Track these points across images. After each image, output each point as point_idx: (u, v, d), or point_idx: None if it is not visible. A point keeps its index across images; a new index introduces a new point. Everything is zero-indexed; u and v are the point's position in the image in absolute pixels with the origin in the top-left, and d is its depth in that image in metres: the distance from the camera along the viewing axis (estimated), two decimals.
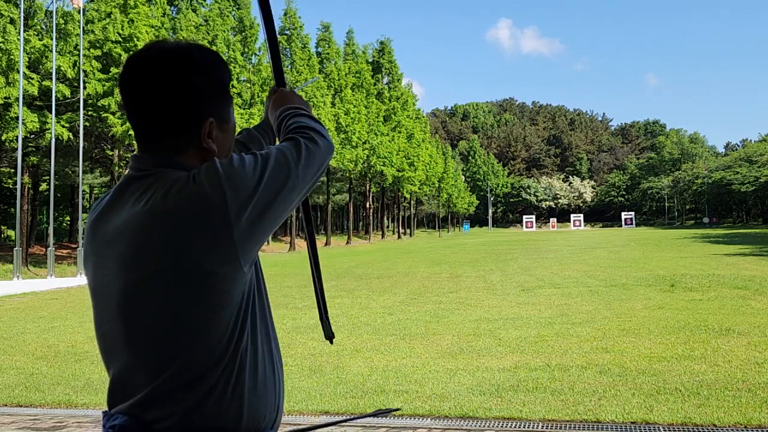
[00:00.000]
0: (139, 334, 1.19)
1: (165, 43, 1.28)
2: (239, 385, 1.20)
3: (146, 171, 1.25)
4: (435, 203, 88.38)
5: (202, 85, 1.26)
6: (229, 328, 1.18)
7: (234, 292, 1.18)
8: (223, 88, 1.31)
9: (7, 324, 10.39)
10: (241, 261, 1.17)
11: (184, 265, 1.15)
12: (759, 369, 5.69)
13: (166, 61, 1.24)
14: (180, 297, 1.16)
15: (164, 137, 1.26)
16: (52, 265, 20.76)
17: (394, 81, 62.86)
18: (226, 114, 1.33)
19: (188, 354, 1.17)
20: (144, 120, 1.26)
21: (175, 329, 1.17)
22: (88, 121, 24.83)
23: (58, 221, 46.36)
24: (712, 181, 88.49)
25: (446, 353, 6.86)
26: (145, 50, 1.27)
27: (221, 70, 1.31)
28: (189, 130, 1.26)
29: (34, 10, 23.20)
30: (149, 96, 1.24)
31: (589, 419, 4.47)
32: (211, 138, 1.28)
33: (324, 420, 4.73)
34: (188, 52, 1.27)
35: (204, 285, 1.15)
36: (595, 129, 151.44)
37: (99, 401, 5.40)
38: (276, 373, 1.29)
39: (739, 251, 23.83)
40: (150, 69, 1.24)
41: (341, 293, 13.48)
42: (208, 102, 1.27)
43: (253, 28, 36.13)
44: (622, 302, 10.46)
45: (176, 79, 1.24)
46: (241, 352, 1.20)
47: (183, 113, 1.25)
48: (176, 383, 1.17)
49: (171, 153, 1.26)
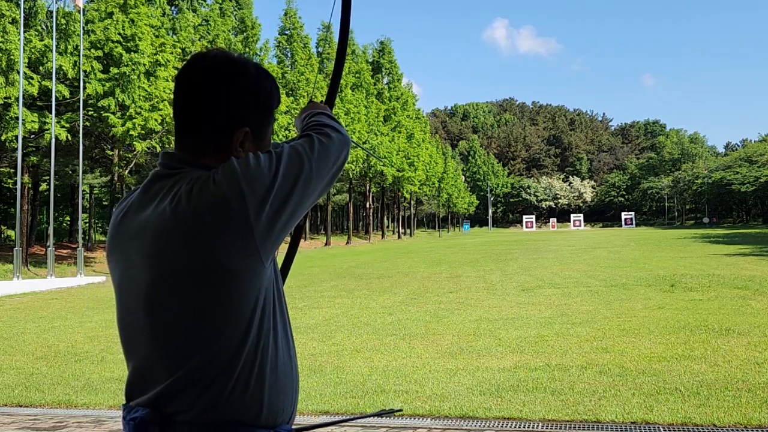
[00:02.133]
0: (162, 329, 1.22)
1: (230, 52, 1.35)
2: (260, 381, 1.23)
3: (172, 169, 1.29)
4: (435, 203, 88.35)
5: (248, 95, 1.32)
6: (250, 324, 1.22)
7: (255, 287, 1.22)
8: (267, 105, 1.37)
9: (7, 324, 10.39)
10: (263, 257, 1.21)
11: (206, 264, 1.18)
12: (759, 369, 5.69)
13: (223, 64, 1.31)
14: (202, 295, 1.19)
15: (200, 137, 1.31)
16: (52, 265, 20.76)
17: (394, 81, 62.87)
18: (264, 131, 1.37)
19: (209, 350, 1.20)
20: (186, 117, 1.31)
21: (197, 326, 1.20)
22: (89, 121, 24.83)
23: (58, 221, 46.37)
24: (712, 181, 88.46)
25: (446, 353, 6.86)
26: (209, 52, 1.34)
27: (272, 88, 1.38)
28: (223, 135, 1.30)
29: (35, 10, 23.20)
30: (197, 94, 1.30)
31: (589, 419, 4.47)
32: (243, 148, 1.32)
33: (325, 419, 4.73)
34: (245, 63, 1.34)
35: (225, 283, 1.18)
36: (595, 129, 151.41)
37: (99, 401, 5.40)
38: (294, 369, 1.32)
39: (739, 251, 23.83)
40: (206, 69, 1.31)
41: (341, 293, 13.49)
42: (249, 113, 1.32)
43: (254, 28, 36.14)
44: (622, 302, 10.46)
45: (226, 83, 1.30)
46: (262, 347, 1.23)
47: (222, 117, 1.30)
48: (196, 378, 1.20)
49: (200, 154, 1.31)
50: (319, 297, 12.92)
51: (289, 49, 41.41)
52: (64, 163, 28.58)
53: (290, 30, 41.74)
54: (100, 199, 47.67)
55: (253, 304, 1.21)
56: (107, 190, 39.33)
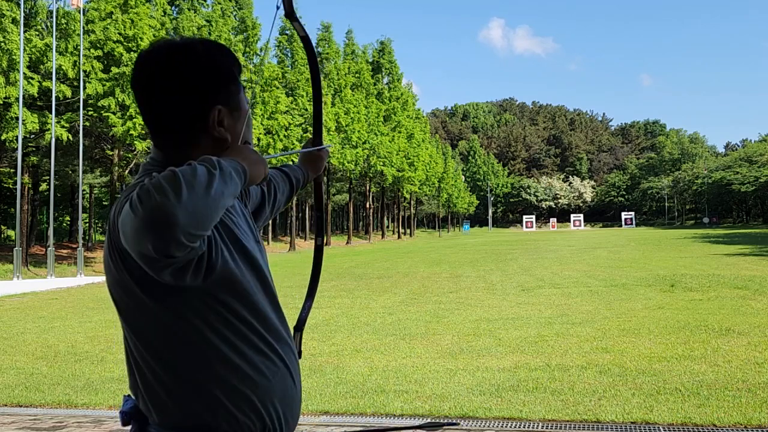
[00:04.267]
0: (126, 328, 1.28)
1: (171, 39, 1.30)
2: (187, 385, 1.21)
3: (148, 171, 1.27)
4: (435, 203, 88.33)
5: (205, 75, 1.27)
6: (173, 328, 1.22)
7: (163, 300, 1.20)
8: (229, 76, 1.31)
9: (7, 324, 10.39)
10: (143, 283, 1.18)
11: (130, 275, 1.18)
12: (759, 369, 5.69)
13: (170, 55, 1.26)
14: (133, 299, 1.21)
15: (173, 132, 1.28)
16: (52, 265, 20.75)
17: (394, 81, 62.82)
18: (237, 101, 1.33)
19: (148, 348, 1.23)
20: (153, 115, 1.28)
21: (138, 323, 1.24)
22: (89, 121, 24.82)
23: (58, 221, 46.37)
24: (712, 181, 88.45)
25: (446, 353, 6.86)
26: (151, 47, 1.29)
27: (226, 58, 1.32)
28: (196, 122, 1.27)
29: (35, 10, 23.20)
30: (156, 91, 1.26)
31: (589, 419, 4.47)
32: (223, 126, 1.29)
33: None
34: (191, 45, 1.28)
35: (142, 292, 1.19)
36: (595, 129, 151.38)
37: (99, 401, 5.40)
38: (260, 378, 1.26)
39: (739, 251, 23.82)
40: (155, 64, 1.26)
41: (341, 293, 13.48)
42: (214, 91, 1.28)
43: (254, 28, 36.15)
44: (622, 302, 10.46)
45: (180, 71, 1.25)
46: (189, 352, 1.21)
47: (188, 105, 1.26)
48: (146, 377, 1.23)
49: (181, 147, 1.27)
50: (319, 297, 12.92)
51: (289, 49, 41.41)
52: (64, 163, 28.58)
53: (290, 30, 41.71)
54: (100, 199, 47.69)
55: (171, 310, 1.23)
56: (107, 190, 39.32)
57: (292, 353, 1.36)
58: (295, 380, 1.35)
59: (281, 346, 1.32)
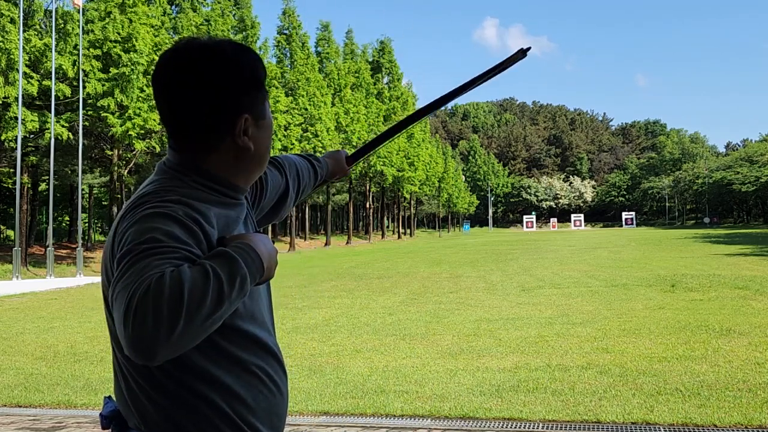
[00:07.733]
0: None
1: (197, 38, 1.24)
2: (168, 395, 1.18)
3: (164, 173, 1.24)
4: (435, 203, 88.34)
5: (233, 80, 1.21)
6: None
7: None
8: (257, 83, 1.26)
9: (6, 324, 10.37)
10: None
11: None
12: (759, 369, 5.68)
13: (196, 55, 1.21)
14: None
15: (194, 134, 1.22)
16: (51, 265, 20.74)
17: (394, 81, 62.83)
18: (262, 110, 1.28)
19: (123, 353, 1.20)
20: (173, 117, 1.23)
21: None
22: (88, 120, 24.81)
23: (58, 221, 46.36)
24: (713, 181, 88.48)
25: (446, 353, 6.85)
26: (176, 46, 1.24)
27: (255, 64, 1.26)
28: (221, 127, 1.22)
29: (33, 9, 23.18)
30: (179, 91, 1.21)
31: (590, 419, 4.46)
32: (248, 135, 1.24)
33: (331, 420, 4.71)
34: (219, 46, 1.23)
35: None
36: (596, 129, 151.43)
37: (98, 401, 5.38)
38: (245, 393, 1.22)
39: (740, 251, 23.81)
40: (180, 64, 1.21)
41: (341, 293, 13.47)
42: (242, 97, 1.23)
43: (254, 27, 36.15)
44: (622, 302, 10.45)
45: (206, 73, 1.20)
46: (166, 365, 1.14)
47: (214, 109, 1.20)
48: (128, 382, 1.21)
49: (200, 152, 1.23)
50: (319, 297, 12.91)
51: (288, 48, 41.40)
52: (64, 162, 28.56)
53: (289, 29, 41.73)
54: (99, 199, 47.67)
55: None
56: (106, 190, 39.29)
57: (278, 364, 1.31)
58: (282, 390, 1.31)
59: (266, 360, 1.28)
